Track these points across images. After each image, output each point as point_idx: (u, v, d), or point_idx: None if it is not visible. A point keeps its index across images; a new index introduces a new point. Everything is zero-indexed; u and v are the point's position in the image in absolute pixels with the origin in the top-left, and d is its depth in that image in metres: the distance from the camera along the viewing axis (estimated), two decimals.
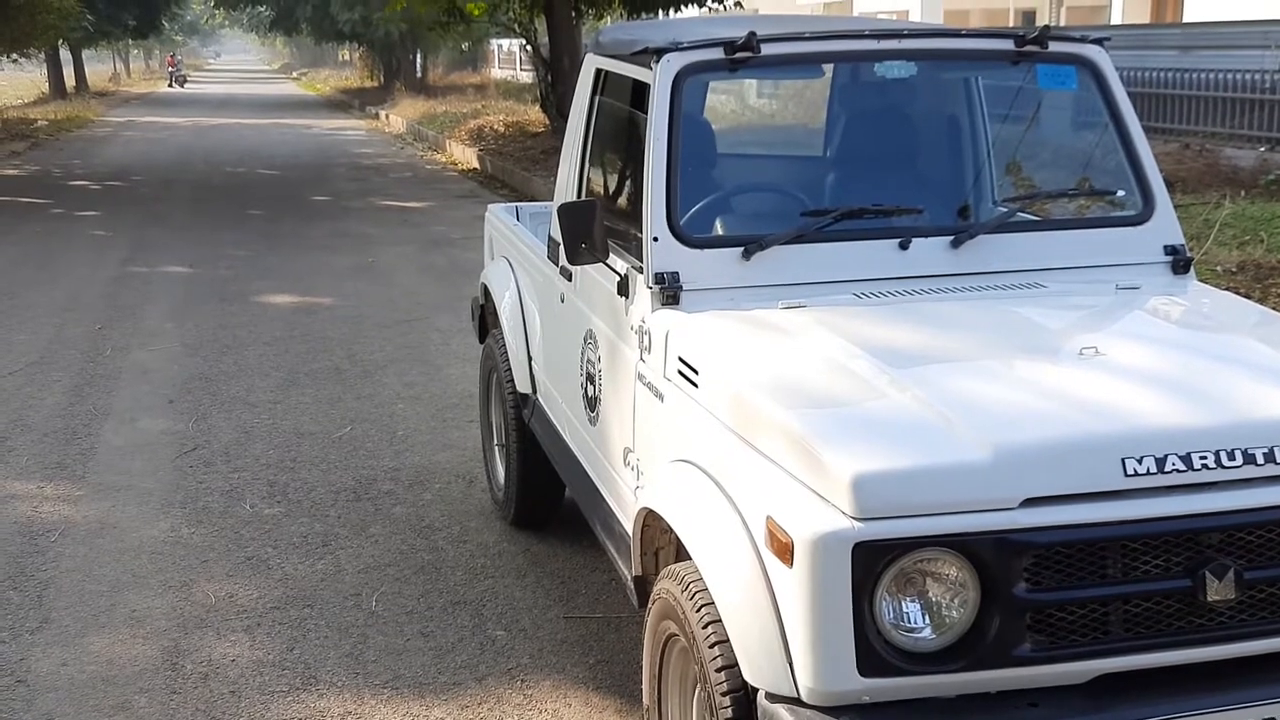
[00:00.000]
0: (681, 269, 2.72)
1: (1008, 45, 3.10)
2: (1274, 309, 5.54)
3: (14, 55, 25.12)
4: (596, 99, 3.40)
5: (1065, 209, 3.32)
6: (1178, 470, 2.02)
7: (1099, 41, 3.15)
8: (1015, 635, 1.98)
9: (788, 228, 2.83)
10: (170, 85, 45.93)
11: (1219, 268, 6.84)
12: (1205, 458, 2.04)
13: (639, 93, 3.03)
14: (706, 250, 2.76)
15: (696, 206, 2.89)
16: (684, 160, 2.82)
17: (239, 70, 74.84)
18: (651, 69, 2.90)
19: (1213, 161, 10.81)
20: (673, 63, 2.88)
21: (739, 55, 2.91)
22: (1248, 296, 5.96)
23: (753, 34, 2.89)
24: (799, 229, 2.83)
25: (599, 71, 3.39)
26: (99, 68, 51.09)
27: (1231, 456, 2.04)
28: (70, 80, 35.59)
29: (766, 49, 2.92)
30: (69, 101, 31.23)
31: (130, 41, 47.94)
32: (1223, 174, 10.27)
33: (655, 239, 2.74)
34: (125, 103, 35.27)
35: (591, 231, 2.86)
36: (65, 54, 34.54)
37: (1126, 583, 2.01)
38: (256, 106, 32.62)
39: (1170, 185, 3.10)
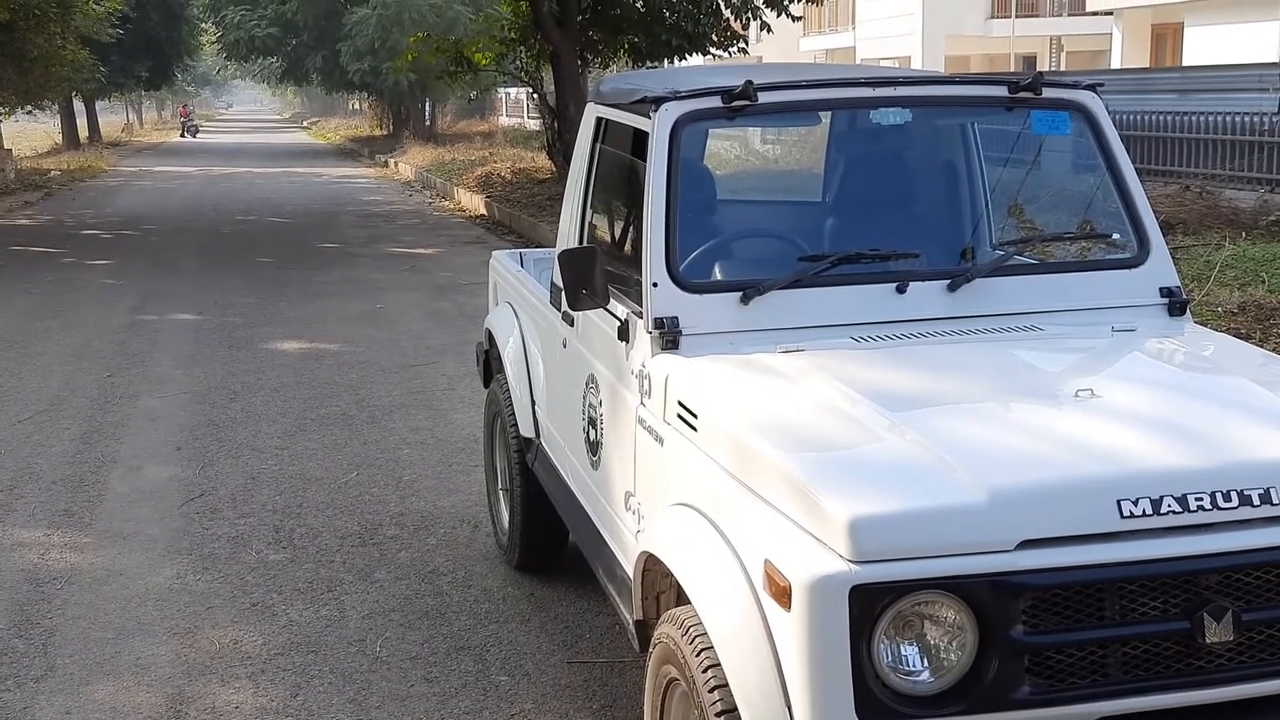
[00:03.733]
0: (681, 314, 2.75)
1: (1001, 92, 3.14)
2: (1275, 350, 5.56)
3: (29, 107, 25.45)
4: (597, 147, 3.45)
5: (1062, 252, 3.34)
6: (1173, 512, 2.03)
7: (1092, 87, 3.19)
8: (1014, 678, 1.98)
9: (786, 272, 2.86)
10: (183, 135, 46.48)
11: (1220, 308, 6.85)
12: (1201, 499, 2.04)
13: (639, 141, 3.07)
14: (705, 295, 2.79)
15: (695, 252, 2.93)
16: (682, 207, 2.86)
17: (250, 120, 75.67)
18: (650, 117, 2.94)
19: (1213, 203, 10.86)
20: (671, 111, 2.93)
21: (736, 104, 2.95)
22: (1249, 337, 5.99)
23: (749, 82, 2.93)
24: (797, 274, 2.86)
25: (599, 120, 3.45)
26: (112, 118, 51.69)
27: (1227, 498, 2.05)
28: (83, 130, 36.02)
29: (763, 97, 2.97)
30: (82, 152, 31.57)
31: (143, 92, 48.56)
32: (1223, 215, 10.30)
33: (655, 284, 2.78)
34: (138, 153, 35.67)
35: (592, 277, 2.89)
36: (78, 105, 34.98)
37: (1124, 625, 2.02)
38: (267, 155, 32.95)
39: (1171, 227, 3.14)
